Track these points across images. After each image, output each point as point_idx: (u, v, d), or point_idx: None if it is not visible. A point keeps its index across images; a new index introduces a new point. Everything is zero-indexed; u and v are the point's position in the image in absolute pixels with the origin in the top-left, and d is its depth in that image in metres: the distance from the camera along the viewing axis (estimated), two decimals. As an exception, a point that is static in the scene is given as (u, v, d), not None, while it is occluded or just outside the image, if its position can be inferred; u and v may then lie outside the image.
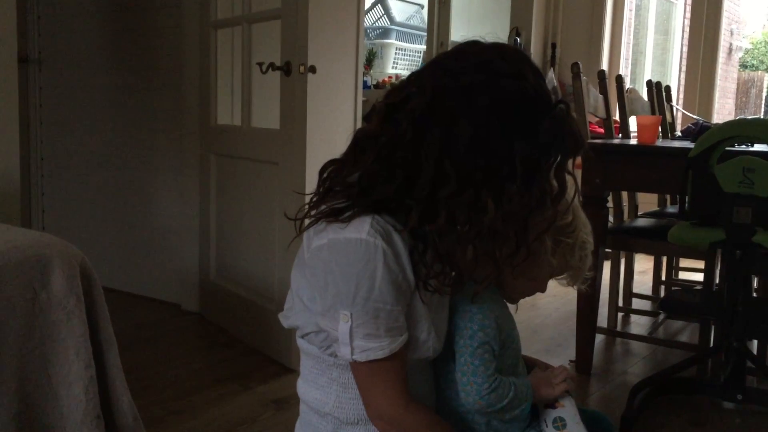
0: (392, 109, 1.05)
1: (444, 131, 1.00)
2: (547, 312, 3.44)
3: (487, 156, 1.00)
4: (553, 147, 1.03)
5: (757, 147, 2.24)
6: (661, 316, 3.35)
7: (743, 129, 2.05)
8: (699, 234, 2.05)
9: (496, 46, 1.05)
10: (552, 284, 1.26)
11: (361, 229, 1.01)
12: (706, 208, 1.99)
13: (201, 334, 2.94)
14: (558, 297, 3.69)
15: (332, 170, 1.13)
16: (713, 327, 2.51)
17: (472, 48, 1.05)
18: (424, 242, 1.03)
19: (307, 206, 1.13)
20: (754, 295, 2.75)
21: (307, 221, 1.11)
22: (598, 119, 3.47)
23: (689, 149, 2.04)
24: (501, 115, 1.00)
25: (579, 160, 2.56)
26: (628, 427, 2.09)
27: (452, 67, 1.03)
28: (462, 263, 1.05)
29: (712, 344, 2.51)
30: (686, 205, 2.03)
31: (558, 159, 1.05)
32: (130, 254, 3.41)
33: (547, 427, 1.21)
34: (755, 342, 2.69)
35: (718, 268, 2.51)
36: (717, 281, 2.60)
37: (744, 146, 2.21)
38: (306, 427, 1.20)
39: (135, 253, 3.40)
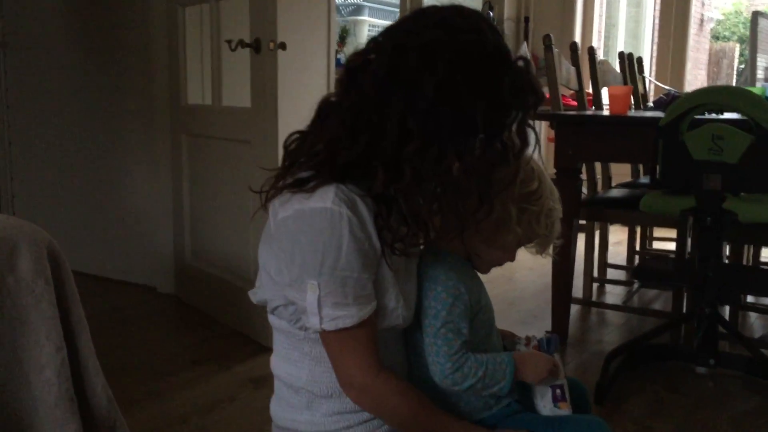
0: (353, 74, 1.05)
1: (406, 90, 1.00)
2: (523, 285, 3.47)
3: (450, 112, 1.00)
4: (515, 102, 1.04)
5: (727, 115, 2.26)
6: (636, 286, 3.39)
7: (711, 96, 2.06)
8: (670, 202, 2.07)
9: (453, 6, 1.06)
10: (528, 258, 1.26)
11: (326, 198, 1.01)
12: (677, 176, 2.01)
13: (177, 316, 2.93)
14: (534, 270, 3.72)
15: (297, 141, 1.13)
16: (686, 294, 2.54)
17: (429, 9, 1.06)
18: (388, 207, 1.03)
19: (273, 179, 1.12)
20: (726, 261, 2.79)
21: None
22: (571, 92, 3.48)
23: (660, 119, 2.05)
24: (462, 70, 1.00)
25: (552, 133, 2.57)
26: (603, 394, 2.11)
27: (411, 28, 1.04)
28: (428, 222, 1.05)
29: (684, 311, 2.54)
30: (657, 173, 2.04)
31: (519, 114, 1.05)
32: (103, 238, 3.37)
33: (543, 400, 1.20)
34: (727, 308, 2.74)
35: (691, 236, 2.54)
36: (689, 249, 2.63)
37: (713, 115, 2.23)
38: (280, 402, 1.20)
39: (108, 236, 3.36)
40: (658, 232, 4.13)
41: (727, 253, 2.87)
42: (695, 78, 8.62)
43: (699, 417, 2.05)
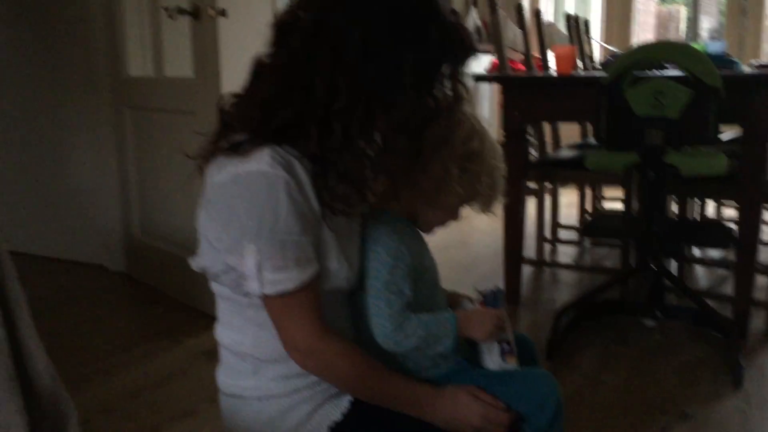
0: (282, 32, 1.02)
1: (333, 45, 0.98)
2: (477, 249, 3.50)
3: (377, 66, 0.98)
4: (443, 55, 1.02)
5: (668, 73, 2.29)
6: (587, 245, 3.45)
7: (651, 52, 2.08)
8: (614, 158, 2.09)
9: None
10: (482, 222, 1.26)
11: (262, 161, 0.99)
12: (620, 132, 2.03)
13: (128, 294, 2.88)
14: (488, 234, 3.75)
15: (231, 104, 1.10)
16: (633, 250, 2.59)
17: None
18: (325, 167, 1.02)
19: (208, 143, 1.10)
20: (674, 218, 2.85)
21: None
22: (520, 57, 3.48)
23: (602, 77, 2.07)
24: (389, 23, 0.98)
25: (501, 97, 2.57)
26: (554, 349, 2.15)
27: None
28: (364, 182, 1.04)
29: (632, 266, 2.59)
30: (601, 131, 2.06)
31: (450, 68, 1.04)
32: (48, 217, 3.28)
33: (490, 355, 1.21)
34: (674, 262, 2.80)
35: (636, 192, 2.58)
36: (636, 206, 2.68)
37: (655, 71, 2.25)
38: (227, 370, 1.19)
39: (53, 215, 3.27)
40: (607, 192, 4.20)
41: (674, 207, 2.94)
42: (642, 41, 8.71)
43: (646, 367, 2.10)
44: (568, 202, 4.41)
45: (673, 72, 2.15)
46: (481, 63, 4.48)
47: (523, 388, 1.19)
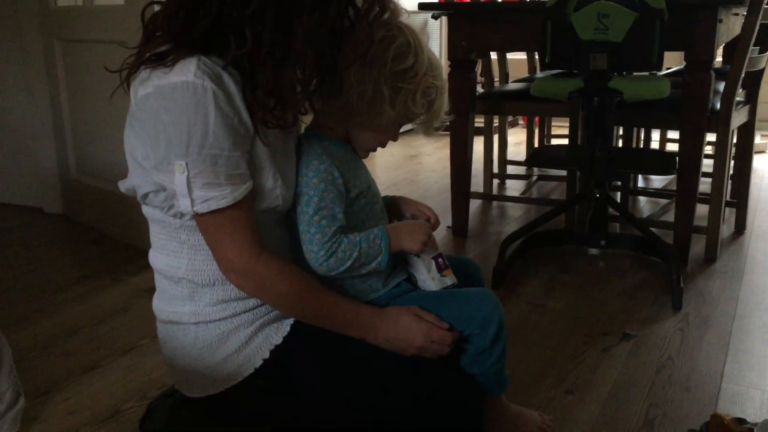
0: None
1: None
2: (426, 185, 3.48)
3: None
4: None
5: None
6: (534, 178, 3.47)
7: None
8: (559, 84, 2.08)
9: None
10: (431, 161, 1.22)
11: (187, 72, 0.93)
12: (565, 57, 2.01)
13: (66, 235, 2.79)
14: (436, 171, 3.75)
15: (154, 14, 1.03)
16: (578, 180, 2.61)
17: None
18: (249, 78, 0.96)
19: (131, 56, 1.03)
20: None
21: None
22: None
23: (548, 0, 2.03)
24: None
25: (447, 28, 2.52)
26: (500, 278, 2.17)
27: None
28: (288, 94, 0.99)
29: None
30: (546, 56, 2.04)
31: None
32: (-21, 158, 3.14)
33: (429, 273, 1.19)
34: (618, 194, 2.84)
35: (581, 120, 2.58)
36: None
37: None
38: (162, 296, 1.15)
39: (-17, 156, 3.13)
40: (556, 129, 4.22)
41: (620, 141, 2.96)
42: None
43: (590, 293, 2.13)
44: (517, 141, 4.43)
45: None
46: None
47: (465, 308, 1.18)
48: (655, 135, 3.71)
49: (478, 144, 2.95)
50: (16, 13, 2.83)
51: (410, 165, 3.93)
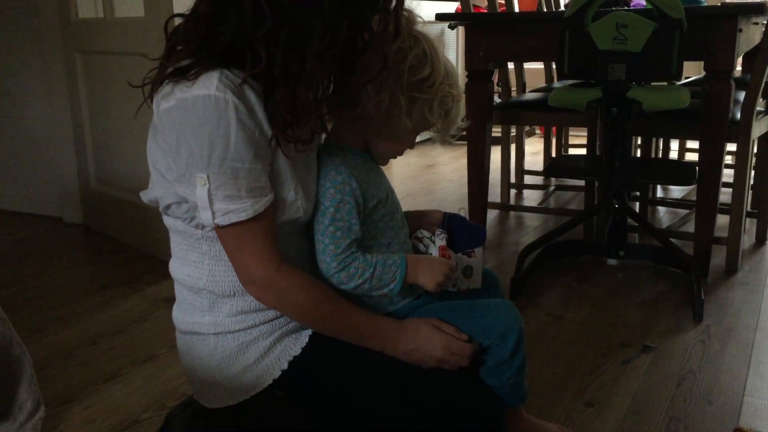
0: None
1: None
2: (443, 195, 3.48)
3: None
4: None
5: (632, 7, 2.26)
6: (552, 188, 3.45)
7: (615, -16, 2.04)
8: (577, 94, 2.07)
9: None
10: (448, 170, 1.22)
11: (209, 85, 0.94)
12: (583, 67, 2.00)
13: (86, 244, 2.81)
14: (453, 181, 3.74)
15: (176, 27, 1.04)
16: (597, 190, 2.59)
17: None
18: (269, 92, 0.97)
19: (154, 70, 1.04)
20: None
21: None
22: (485, 3, 3.42)
23: (566, 11, 2.03)
24: None
25: (465, 39, 2.52)
26: (518, 288, 2.15)
27: None
28: (306, 110, 0.99)
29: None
30: (565, 67, 2.03)
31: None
32: (0, 169, 3.18)
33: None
34: (637, 204, 2.82)
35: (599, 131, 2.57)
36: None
37: (617, 6, 2.22)
38: (182, 306, 1.15)
39: (5, 166, 3.17)
40: (573, 139, 4.20)
41: (639, 151, 2.94)
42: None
43: (608, 304, 2.12)
44: (534, 150, 4.41)
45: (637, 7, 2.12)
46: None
47: (484, 319, 1.18)
48: (674, 145, 3.69)
49: (495, 154, 2.94)
50: (38, 24, 2.87)
51: (427, 175, 3.93)
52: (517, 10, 3.33)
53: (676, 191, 3.33)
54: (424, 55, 1.10)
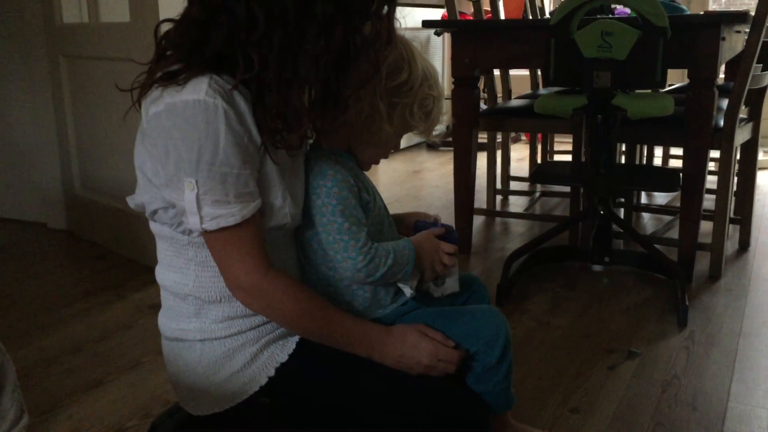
0: None
1: None
2: (429, 201, 3.48)
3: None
4: None
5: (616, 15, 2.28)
6: (537, 194, 3.47)
7: (600, -8, 2.05)
8: (563, 101, 2.08)
9: None
10: (434, 177, 1.23)
11: (199, 90, 0.94)
12: (569, 74, 2.01)
13: (70, 250, 2.79)
14: (439, 187, 3.75)
15: (166, 32, 1.04)
16: (582, 197, 2.61)
17: None
18: (258, 98, 0.97)
19: (143, 75, 1.04)
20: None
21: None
22: (471, 11, 3.43)
23: (551, 18, 2.04)
24: None
25: (451, 46, 2.53)
26: (505, 294, 2.16)
27: None
28: (295, 116, 0.99)
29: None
30: (550, 74, 2.04)
31: (372, 5, 0.99)
32: (-17, 174, 3.15)
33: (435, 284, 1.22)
34: (622, 210, 2.83)
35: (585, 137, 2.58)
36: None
37: (603, 15, 2.24)
38: (168, 312, 1.14)
39: (-12, 172, 3.14)
40: (558, 145, 4.22)
41: (623, 157, 2.96)
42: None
43: (594, 310, 2.13)
44: (519, 157, 4.43)
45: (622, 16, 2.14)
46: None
47: (471, 326, 1.18)
48: (658, 151, 3.72)
49: (481, 160, 2.95)
50: (22, 29, 2.85)
51: (413, 181, 3.94)
52: (502, 17, 3.35)
53: (661, 198, 3.36)
54: (401, 59, 1.11)
